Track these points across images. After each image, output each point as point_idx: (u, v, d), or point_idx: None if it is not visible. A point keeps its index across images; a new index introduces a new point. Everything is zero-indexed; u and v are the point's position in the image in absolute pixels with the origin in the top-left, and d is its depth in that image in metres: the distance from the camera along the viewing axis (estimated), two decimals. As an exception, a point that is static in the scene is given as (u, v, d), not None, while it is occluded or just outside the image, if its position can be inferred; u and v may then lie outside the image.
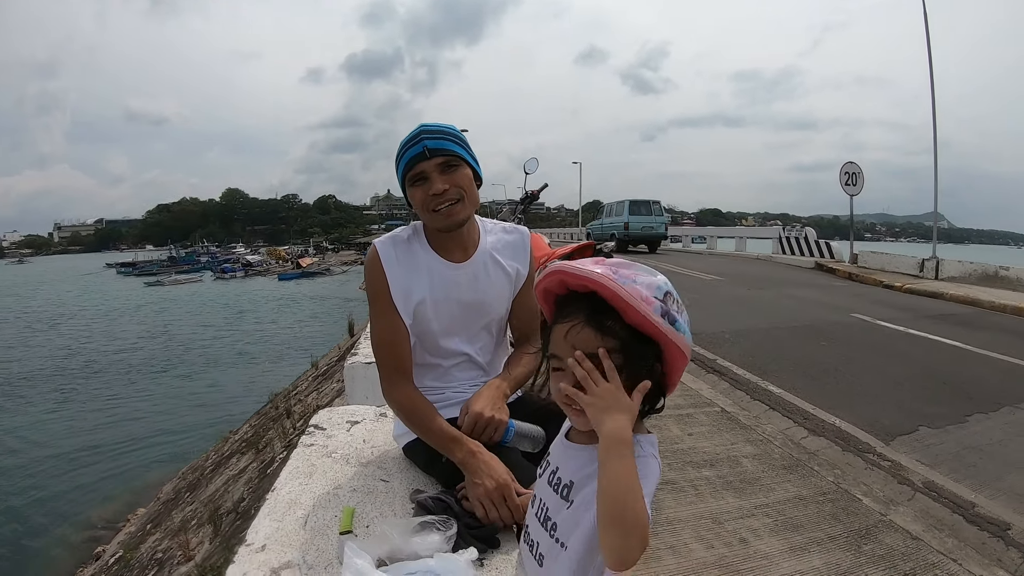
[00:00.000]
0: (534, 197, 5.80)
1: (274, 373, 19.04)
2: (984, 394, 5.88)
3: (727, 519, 3.39)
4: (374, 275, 1.97)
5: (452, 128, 1.96)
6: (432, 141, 1.88)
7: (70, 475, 12.67)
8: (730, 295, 12.64)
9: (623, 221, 24.55)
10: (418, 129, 1.92)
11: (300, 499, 1.85)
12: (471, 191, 1.95)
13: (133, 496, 10.85)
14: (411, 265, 1.99)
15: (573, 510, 1.16)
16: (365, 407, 2.67)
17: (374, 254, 1.98)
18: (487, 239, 2.10)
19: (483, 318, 2.09)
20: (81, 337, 32.39)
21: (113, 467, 12.92)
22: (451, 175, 1.90)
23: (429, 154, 1.87)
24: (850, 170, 18.11)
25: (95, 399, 18.76)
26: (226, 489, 6.89)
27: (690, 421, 4.92)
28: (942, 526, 3.46)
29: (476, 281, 2.04)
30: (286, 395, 10.60)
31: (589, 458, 1.15)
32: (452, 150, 1.90)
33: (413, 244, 2.03)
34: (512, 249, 2.14)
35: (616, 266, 1.17)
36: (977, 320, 10.01)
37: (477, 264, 2.05)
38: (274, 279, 70.55)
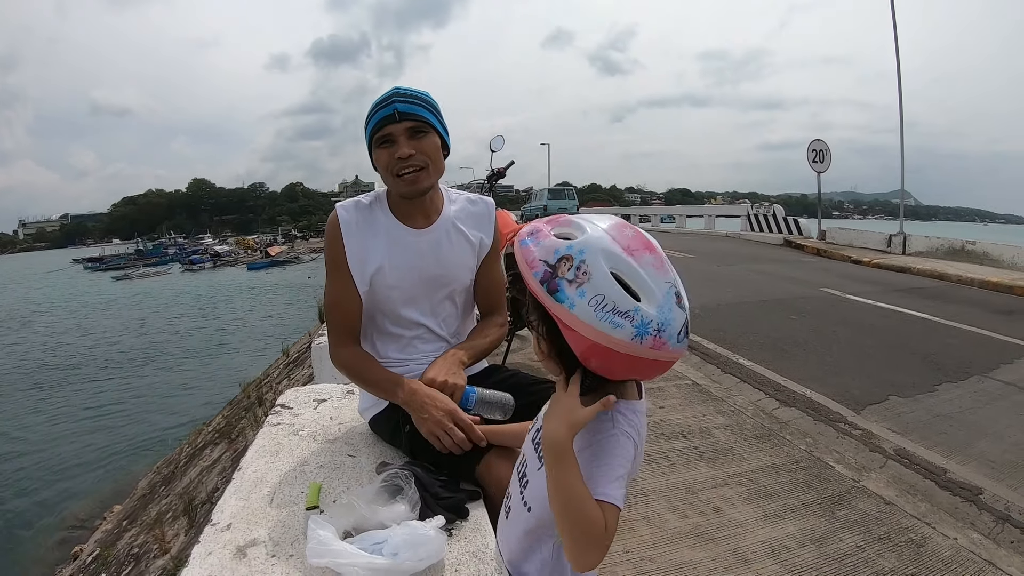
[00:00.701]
0: (500, 174, 5.77)
1: (245, 363, 18.93)
2: (953, 364, 5.96)
3: (700, 489, 3.40)
4: (332, 239, 1.96)
5: (426, 94, 1.92)
6: (403, 104, 1.84)
7: (45, 475, 12.56)
8: (700, 271, 12.69)
9: (543, 204, 29.48)
10: (392, 91, 1.89)
11: (266, 477, 1.82)
12: (437, 159, 1.92)
13: (109, 493, 10.75)
14: (371, 230, 1.97)
15: (543, 472, 1.17)
16: (332, 385, 2.64)
17: (334, 218, 1.97)
18: (450, 208, 2.07)
19: (445, 287, 2.05)
20: (50, 336, 31.98)
21: (87, 465, 12.83)
22: (419, 141, 1.86)
23: (399, 117, 1.83)
24: (817, 147, 18.25)
25: (65, 398, 18.59)
26: (200, 480, 6.84)
27: (661, 394, 4.92)
28: (915, 491, 3.50)
29: (438, 248, 2.01)
30: (257, 384, 10.53)
31: None
32: (422, 116, 1.87)
33: (375, 209, 2.00)
34: (476, 219, 2.10)
35: (552, 223, 1.16)
36: (945, 293, 10.15)
37: (439, 231, 2.01)
38: (243, 269, 70.00)
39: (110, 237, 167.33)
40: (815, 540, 2.92)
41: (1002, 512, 3.32)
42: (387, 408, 1.99)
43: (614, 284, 1.04)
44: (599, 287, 1.04)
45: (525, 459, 1.33)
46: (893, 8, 16.41)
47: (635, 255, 1.07)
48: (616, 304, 1.03)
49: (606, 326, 1.03)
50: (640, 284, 1.05)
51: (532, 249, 1.11)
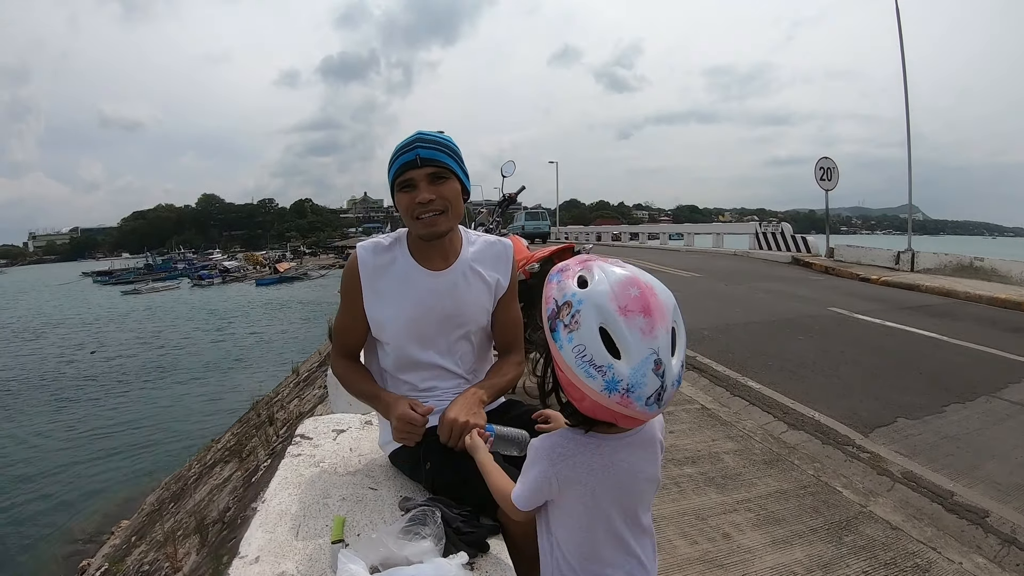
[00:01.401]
0: (512, 200, 5.83)
1: (255, 379, 18.92)
2: (961, 384, 5.96)
3: (710, 515, 3.44)
4: (349, 277, 2.06)
5: (448, 140, 1.99)
6: (426, 150, 1.91)
7: (52, 488, 12.58)
8: (708, 291, 12.71)
9: (521, 224, 31.84)
10: (415, 136, 1.96)
11: (290, 509, 1.87)
12: (456, 204, 1.99)
13: (117, 508, 10.76)
14: (389, 272, 2.05)
15: None
16: (350, 416, 2.69)
17: (354, 260, 2.06)
18: (469, 249, 2.13)
19: (461, 327, 2.11)
20: (58, 350, 32.04)
21: (95, 479, 12.85)
22: (439, 186, 1.93)
23: (420, 163, 1.90)
24: (825, 165, 18.24)
25: (74, 411, 18.65)
26: (211, 499, 6.86)
27: (671, 419, 4.93)
28: (921, 515, 3.52)
29: (455, 289, 2.06)
30: (268, 402, 10.54)
31: None
32: (444, 162, 1.93)
33: (394, 250, 2.08)
34: (493, 260, 2.16)
35: (581, 262, 1.28)
36: (953, 311, 10.12)
37: (456, 273, 2.07)
38: (252, 285, 70.18)
39: (120, 251, 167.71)
40: (822, 566, 2.94)
41: (1008, 535, 3.35)
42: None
43: (597, 338, 1.15)
44: (584, 338, 1.15)
45: None
46: (899, 22, 16.43)
47: (628, 315, 1.15)
48: (593, 357, 1.14)
49: (581, 373, 1.15)
50: (623, 343, 1.14)
51: (553, 286, 1.24)
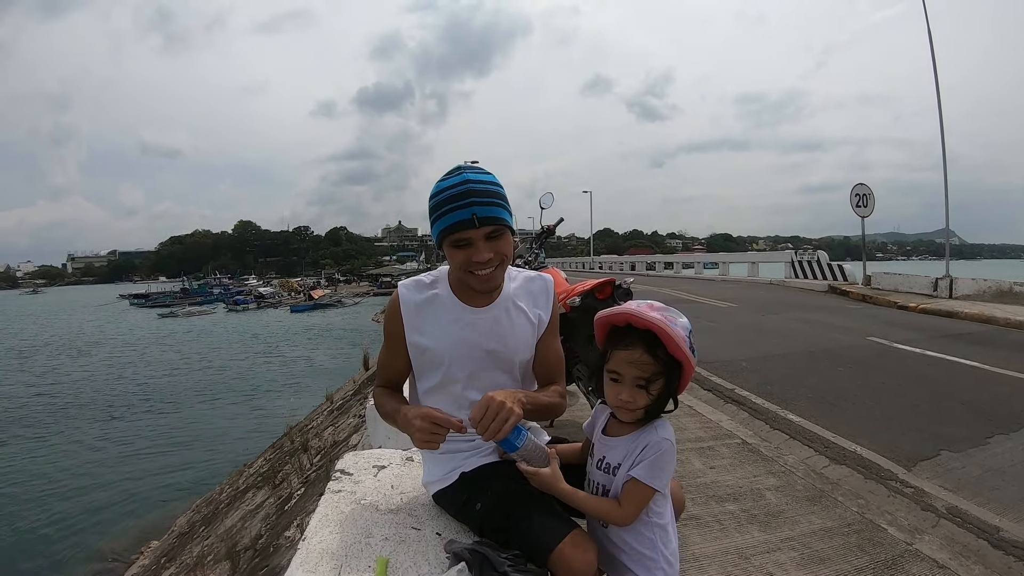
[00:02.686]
0: (551, 232, 5.83)
1: (287, 405, 19.05)
2: (1004, 414, 5.84)
3: (753, 554, 3.37)
4: (392, 315, 2.07)
5: (497, 185, 1.93)
6: (483, 209, 1.85)
7: (84, 506, 12.73)
8: (745, 322, 12.64)
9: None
10: (464, 185, 1.86)
11: (331, 548, 1.86)
12: (511, 255, 1.99)
13: (147, 528, 10.87)
14: (432, 309, 2.04)
15: (618, 481, 1.76)
16: (391, 451, 2.68)
17: (395, 299, 2.07)
18: (510, 285, 2.12)
19: (504, 363, 2.10)
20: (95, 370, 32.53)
21: (126, 498, 12.99)
22: (496, 243, 1.90)
23: (479, 223, 1.85)
24: (861, 192, 18.09)
25: (109, 431, 18.86)
26: (243, 525, 6.88)
27: (711, 454, 4.90)
28: (968, 552, 3.42)
29: (498, 325, 2.05)
30: (302, 429, 10.60)
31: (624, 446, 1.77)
32: (501, 218, 1.90)
33: (436, 288, 2.07)
34: (535, 296, 2.15)
35: (662, 311, 1.71)
36: (994, 338, 9.97)
37: (499, 309, 2.06)
38: (286, 311, 70.87)
39: (156, 275, 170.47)
40: (870, 609, 2.88)
41: (1057, 573, 3.25)
42: (456, 483, 2.03)
43: None
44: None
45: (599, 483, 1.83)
46: (931, 45, 16.29)
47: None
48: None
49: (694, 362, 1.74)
50: None
51: (679, 329, 1.68)
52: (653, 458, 1.72)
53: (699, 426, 5.66)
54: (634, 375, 1.70)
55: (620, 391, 1.73)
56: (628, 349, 1.71)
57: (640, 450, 1.74)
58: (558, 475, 1.83)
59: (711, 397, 6.70)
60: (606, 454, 1.81)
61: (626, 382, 1.72)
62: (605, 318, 1.79)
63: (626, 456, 1.76)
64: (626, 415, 1.76)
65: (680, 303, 16.19)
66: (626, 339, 1.73)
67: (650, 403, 1.73)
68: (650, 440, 1.74)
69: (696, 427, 5.62)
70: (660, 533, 1.78)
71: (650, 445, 1.73)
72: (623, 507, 1.74)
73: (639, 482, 1.71)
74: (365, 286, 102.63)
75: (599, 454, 1.84)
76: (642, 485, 1.71)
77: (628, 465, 1.74)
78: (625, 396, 1.72)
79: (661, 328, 1.67)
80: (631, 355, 1.70)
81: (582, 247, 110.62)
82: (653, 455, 1.72)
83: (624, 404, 1.73)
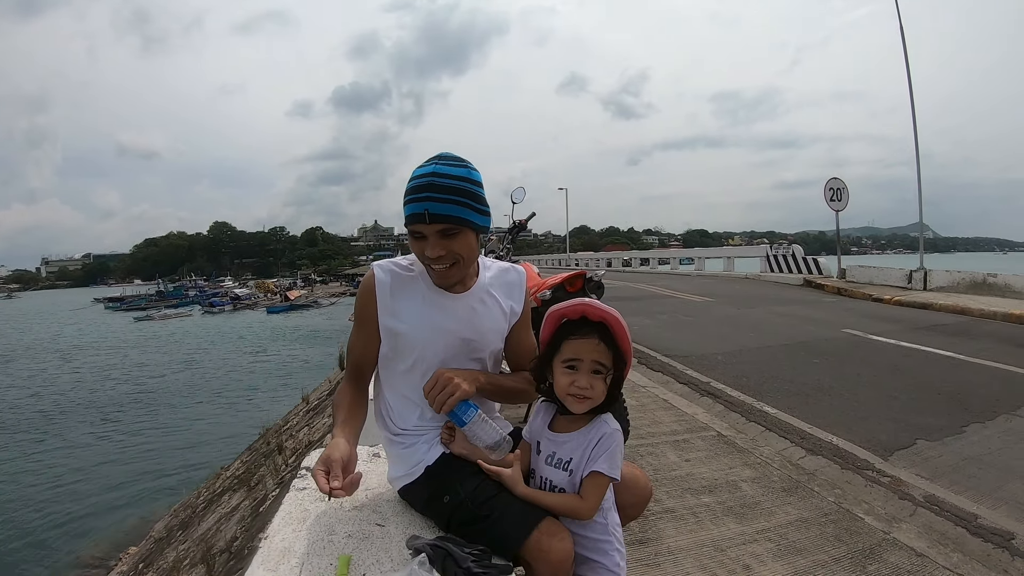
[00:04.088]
0: (522, 227, 5.78)
1: (264, 407, 18.93)
2: (980, 403, 5.89)
3: (729, 546, 3.34)
4: (364, 296, 2.02)
5: (465, 179, 1.88)
6: (436, 204, 1.81)
7: (62, 512, 12.63)
8: (721, 316, 12.70)
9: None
10: (427, 178, 1.84)
11: (294, 547, 1.81)
12: (469, 255, 1.94)
13: (125, 534, 10.78)
14: (406, 292, 2.00)
15: (574, 476, 1.81)
16: (358, 448, 2.62)
17: (370, 277, 2.02)
18: (485, 275, 2.11)
19: (476, 352, 2.07)
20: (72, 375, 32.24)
21: (104, 504, 12.91)
22: (449, 241, 1.86)
23: (429, 219, 1.82)
24: (834, 186, 18.23)
25: (86, 435, 18.73)
26: (218, 528, 6.81)
27: (687, 447, 4.88)
28: (946, 540, 3.42)
29: (472, 313, 2.04)
30: (277, 430, 10.51)
31: (576, 442, 1.82)
32: (455, 216, 1.84)
33: (413, 271, 2.03)
34: (508, 287, 2.15)
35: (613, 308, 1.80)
36: (968, 329, 10.08)
37: (474, 297, 2.05)
38: (262, 312, 70.56)
39: (131, 278, 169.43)
40: (847, 599, 2.86)
41: (1036, 558, 3.25)
42: (421, 477, 1.99)
43: None
44: None
45: (548, 479, 1.86)
46: (904, 43, 16.46)
47: None
48: None
49: None
50: None
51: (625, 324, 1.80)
52: (611, 449, 1.78)
53: (674, 419, 5.63)
54: (593, 360, 1.77)
55: (577, 378, 1.77)
56: (586, 337, 1.78)
57: (595, 443, 1.79)
58: (518, 477, 1.84)
59: (686, 390, 6.69)
60: (556, 450, 1.86)
61: (584, 369, 1.77)
62: (560, 311, 1.85)
63: (582, 450, 1.81)
64: (580, 404, 1.79)
65: (656, 298, 16.27)
66: (581, 329, 1.79)
67: (604, 392, 1.79)
68: (603, 432, 1.81)
69: (671, 420, 5.60)
70: (610, 516, 1.85)
71: (605, 437, 1.80)
72: (587, 500, 1.77)
73: (602, 474, 1.77)
74: (341, 286, 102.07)
75: (548, 450, 1.88)
76: (604, 477, 1.77)
77: (585, 458, 1.80)
78: (583, 382, 1.76)
79: (616, 319, 1.78)
80: (589, 343, 1.77)
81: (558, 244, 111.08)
82: (611, 446, 1.79)
83: (581, 391, 1.77)
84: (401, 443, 2.07)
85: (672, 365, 7.89)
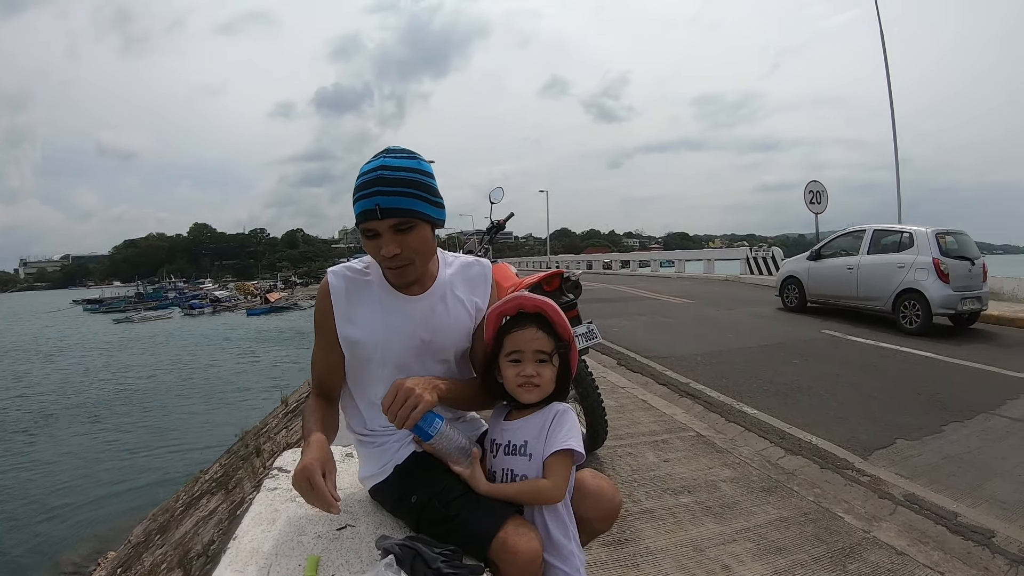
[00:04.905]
0: (500, 227, 5.75)
1: (245, 409, 18.83)
2: (959, 403, 5.94)
3: (708, 546, 3.32)
4: (321, 304, 1.95)
5: (415, 170, 1.80)
6: (387, 198, 1.73)
7: (38, 517, 12.47)
8: (700, 317, 12.74)
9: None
10: (375, 172, 1.76)
11: (262, 547, 1.77)
12: (425, 250, 1.86)
13: (103, 539, 10.68)
14: (362, 296, 1.94)
15: (534, 460, 1.78)
16: (332, 447, 2.59)
17: (325, 286, 1.94)
18: (446, 272, 2.02)
19: (439, 353, 2.01)
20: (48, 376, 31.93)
21: (83, 508, 12.76)
22: (404, 236, 1.78)
23: (381, 214, 1.73)
24: (814, 188, 18.39)
25: (62, 439, 18.52)
26: (196, 531, 6.74)
27: (665, 447, 4.86)
28: (926, 539, 3.43)
29: (432, 315, 1.96)
30: (256, 433, 10.43)
31: (531, 424, 1.82)
32: (408, 209, 1.76)
33: (368, 274, 1.96)
34: (472, 283, 2.06)
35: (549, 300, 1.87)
36: (947, 330, 10.11)
37: (434, 297, 1.97)
38: (242, 314, 70.03)
39: (111, 279, 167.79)
40: (827, 598, 2.85)
41: (1016, 554, 3.27)
42: (391, 477, 1.95)
43: None
44: None
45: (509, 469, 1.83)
46: (884, 49, 16.61)
47: None
48: None
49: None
50: None
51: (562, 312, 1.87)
52: (568, 425, 1.79)
53: (653, 420, 5.61)
54: (535, 349, 1.81)
55: (523, 368, 1.81)
56: (524, 328, 1.83)
57: (551, 422, 1.80)
58: (477, 475, 1.80)
59: (666, 391, 6.69)
60: (511, 438, 1.85)
61: (527, 358, 1.81)
62: (497, 309, 1.90)
63: (537, 431, 1.81)
64: (531, 393, 1.82)
65: (636, 300, 16.30)
66: (519, 322, 1.85)
67: (553, 378, 1.84)
68: (556, 410, 1.82)
69: (650, 421, 5.58)
70: (567, 512, 1.79)
71: (559, 415, 1.81)
72: (552, 480, 1.74)
73: (564, 451, 1.75)
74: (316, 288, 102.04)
75: (503, 440, 1.87)
76: (566, 454, 1.75)
77: (543, 439, 1.79)
78: (528, 371, 1.80)
79: (551, 306, 1.85)
80: (528, 332, 1.82)
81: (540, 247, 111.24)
82: (566, 423, 1.79)
83: (529, 379, 1.80)
84: (372, 442, 2.03)
85: (651, 366, 7.89)
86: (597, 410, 4.33)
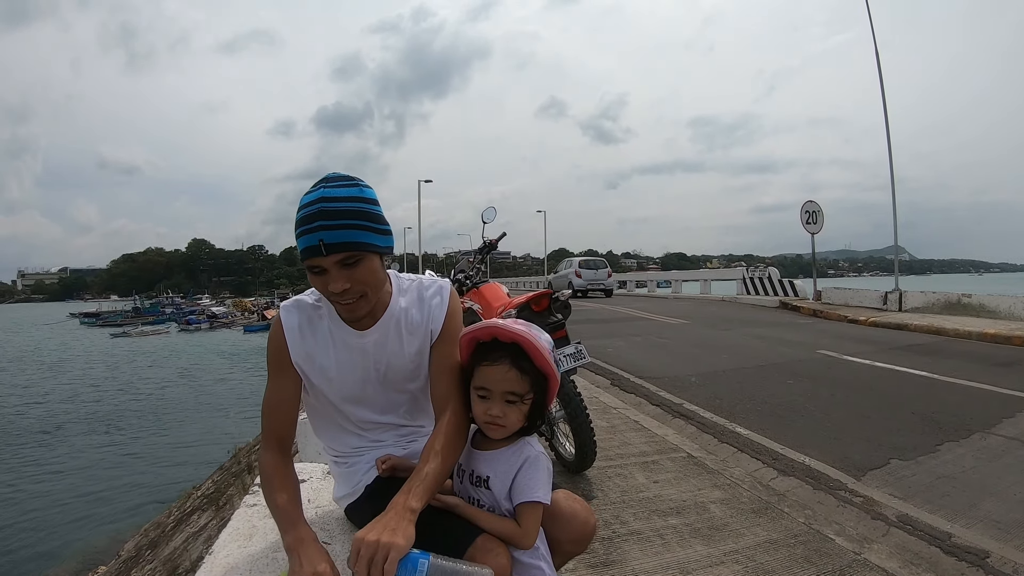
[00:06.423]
0: (493, 246, 5.76)
1: (239, 426, 18.81)
2: (954, 422, 5.91)
3: (695, 568, 3.27)
4: (275, 342, 1.88)
5: (357, 199, 1.70)
6: (330, 232, 1.63)
7: (31, 531, 12.47)
8: (696, 337, 12.73)
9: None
10: (315, 205, 1.66)
11: (238, 563, 1.79)
12: (375, 282, 1.77)
13: (95, 553, 10.72)
14: (314, 332, 1.88)
15: (497, 495, 1.72)
16: (313, 465, 2.60)
17: (277, 323, 1.89)
18: (399, 300, 1.95)
19: (396, 383, 1.97)
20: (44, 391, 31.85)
21: (76, 523, 12.78)
22: (351, 271, 1.69)
23: (326, 251, 1.64)
24: (810, 208, 18.46)
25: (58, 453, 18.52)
26: (185, 547, 6.71)
27: (655, 468, 4.82)
28: (919, 560, 3.38)
29: (383, 348, 1.90)
30: (248, 450, 10.39)
31: (498, 460, 1.74)
32: (354, 242, 1.67)
33: (320, 309, 1.90)
34: (427, 305, 1.97)
35: (527, 326, 1.74)
36: (942, 348, 10.18)
37: (385, 328, 1.91)
38: (239, 331, 70.09)
39: (108, 293, 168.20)
40: (815, 621, 2.81)
41: (1010, 575, 3.23)
42: (363, 496, 1.93)
43: None
44: None
45: (475, 499, 1.77)
46: (880, 70, 16.70)
47: None
48: None
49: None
50: None
51: (543, 342, 1.74)
52: (541, 475, 1.72)
53: (644, 440, 5.58)
54: (503, 391, 1.70)
55: (490, 407, 1.71)
56: (496, 364, 1.71)
57: (519, 466, 1.72)
58: (455, 500, 1.76)
59: (659, 412, 6.65)
60: (475, 468, 1.78)
61: (495, 398, 1.71)
62: (470, 334, 1.78)
63: (504, 472, 1.73)
64: (496, 432, 1.74)
65: (633, 320, 16.28)
66: (492, 354, 1.73)
67: (522, 419, 1.74)
68: (527, 455, 1.74)
69: (641, 441, 5.54)
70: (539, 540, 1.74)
71: (529, 460, 1.73)
72: (524, 529, 1.68)
73: (537, 503, 1.69)
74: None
75: (468, 468, 1.81)
76: (536, 506, 1.69)
77: (508, 483, 1.72)
78: (495, 411, 1.70)
79: (527, 339, 1.70)
80: (499, 370, 1.70)
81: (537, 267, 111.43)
82: (536, 472, 1.72)
83: (494, 420, 1.71)
84: (344, 463, 2.01)
85: (645, 387, 7.86)
86: (585, 430, 4.30)
